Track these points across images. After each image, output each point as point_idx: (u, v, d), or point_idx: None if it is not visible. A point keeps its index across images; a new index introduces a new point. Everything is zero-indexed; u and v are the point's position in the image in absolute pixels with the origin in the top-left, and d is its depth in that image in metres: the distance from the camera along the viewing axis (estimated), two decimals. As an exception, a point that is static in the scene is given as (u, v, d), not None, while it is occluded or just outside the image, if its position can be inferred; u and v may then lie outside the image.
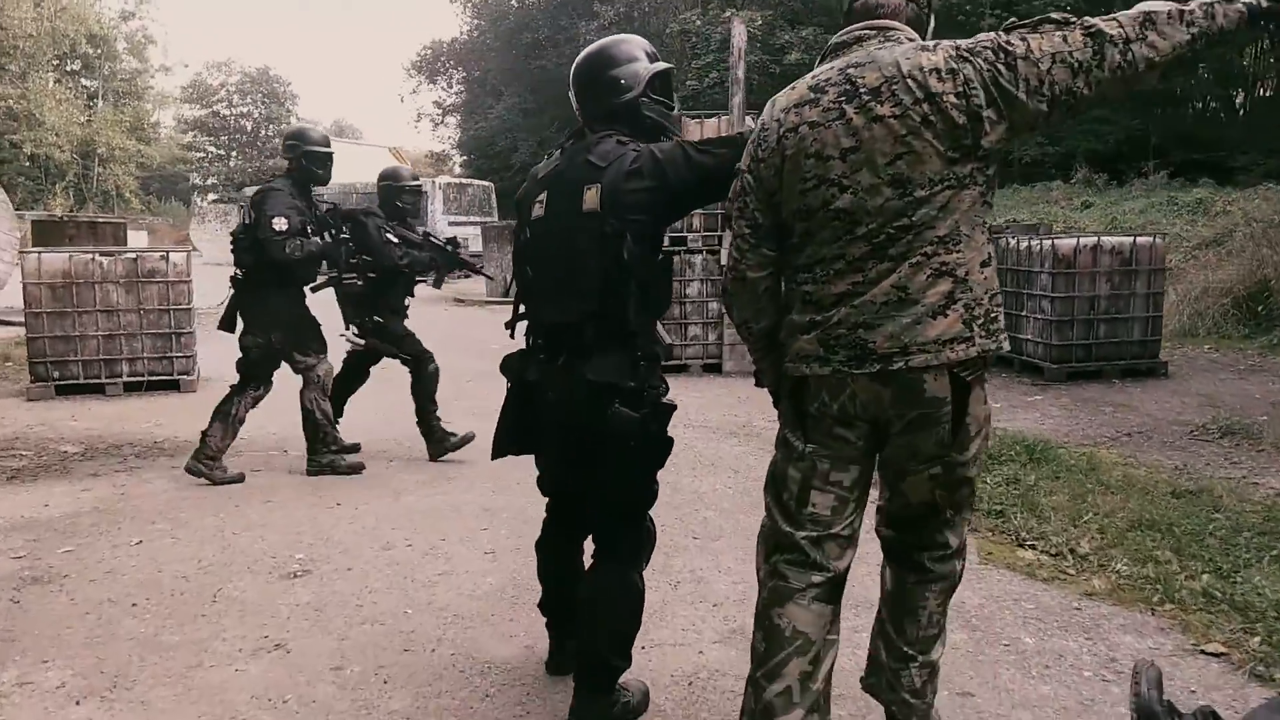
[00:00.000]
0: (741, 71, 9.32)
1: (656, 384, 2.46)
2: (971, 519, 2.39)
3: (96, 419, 6.72)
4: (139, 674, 2.87)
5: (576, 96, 2.55)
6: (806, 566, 2.11)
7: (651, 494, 2.53)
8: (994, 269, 2.04)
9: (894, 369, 1.96)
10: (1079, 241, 8.44)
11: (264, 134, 49.01)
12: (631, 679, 2.64)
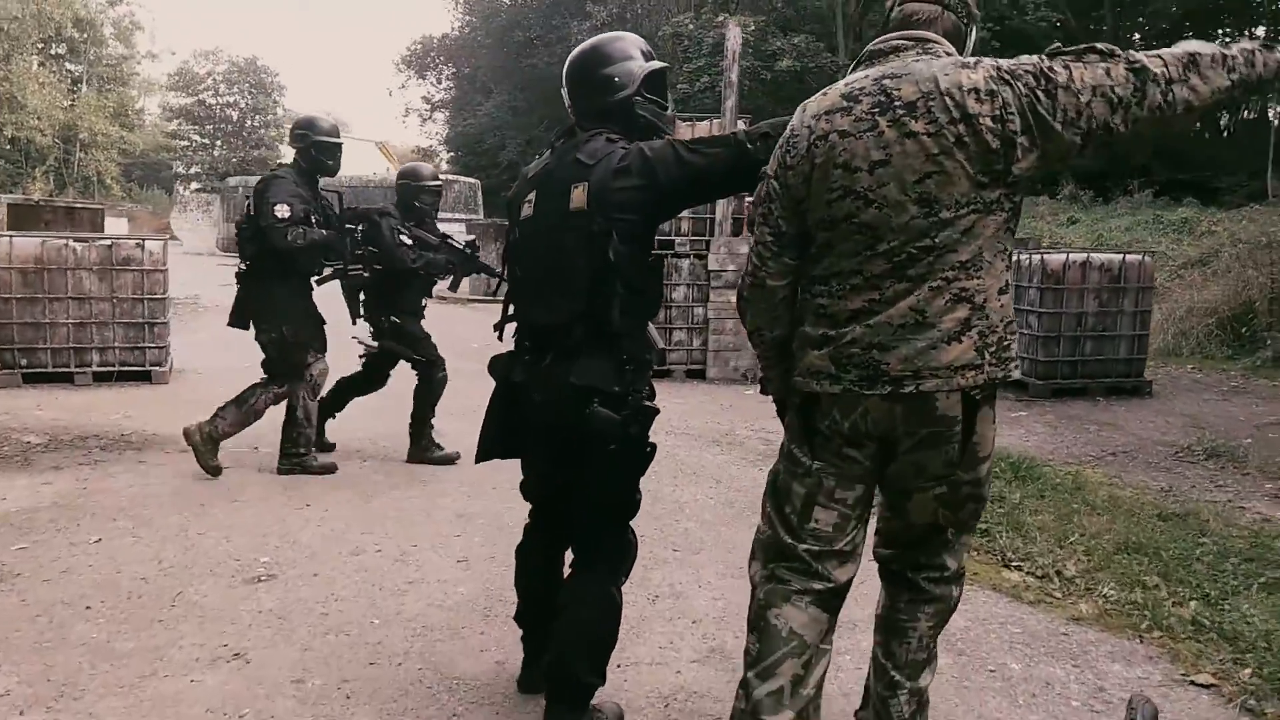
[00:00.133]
0: (735, 75, 9.25)
1: (641, 388, 2.39)
2: (971, 544, 2.29)
3: (63, 409, 6.54)
4: (89, 683, 2.73)
5: (569, 94, 2.50)
6: (807, 575, 2.10)
7: (634, 503, 2.48)
8: (1011, 296, 2.01)
9: (905, 391, 1.94)
10: (1068, 257, 8.40)
11: (250, 124, 48.64)
12: (605, 700, 2.54)
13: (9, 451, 5.32)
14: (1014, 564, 3.98)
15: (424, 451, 5.37)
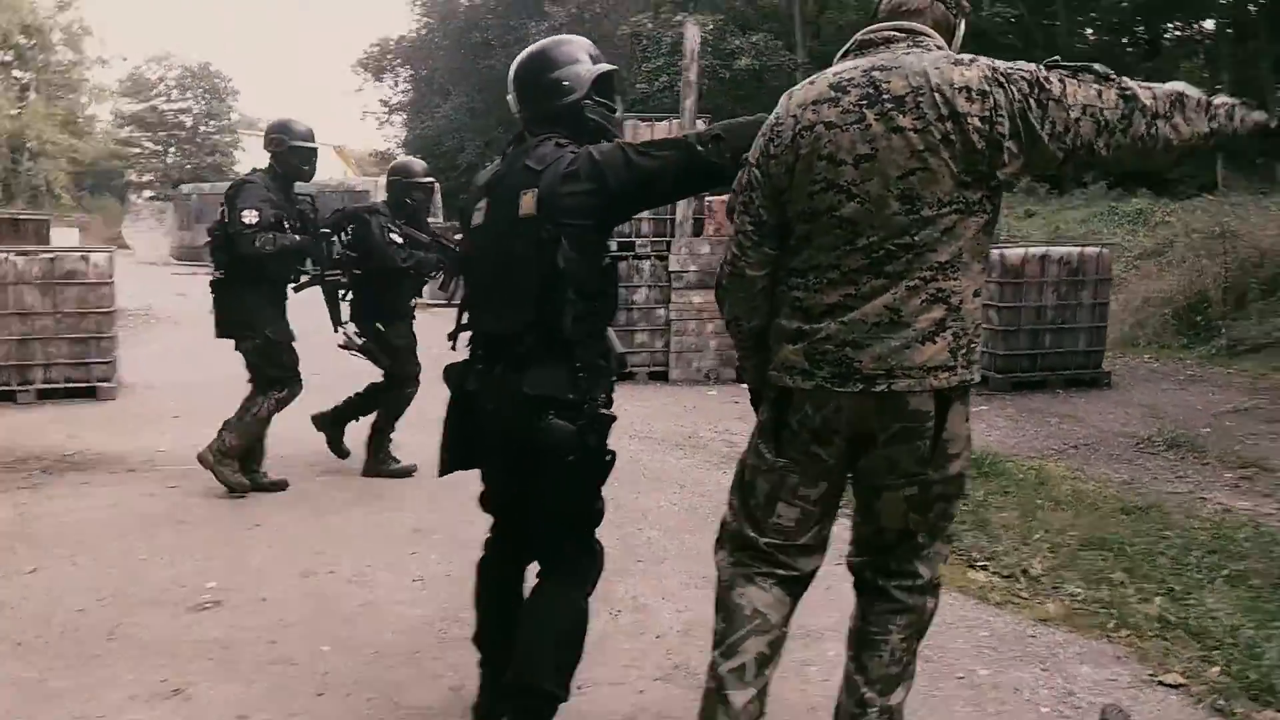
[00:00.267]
0: (694, 75, 9.16)
1: (598, 396, 2.33)
2: (946, 553, 2.25)
3: (3, 429, 6.31)
4: (18, 725, 2.59)
5: (517, 98, 2.46)
6: (771, 563, 2.12)
7: (597, 512, 2.44)
8: (983, 299, 2.01)
9: (877, 390, 1.93)
10: (1027, 251, 8.44)
11: (203, 130, 47.81)
12: None
13: (-56, 477, 5.12)
14: (979, 564, 3.94)
15: (380, 464, 5.23)
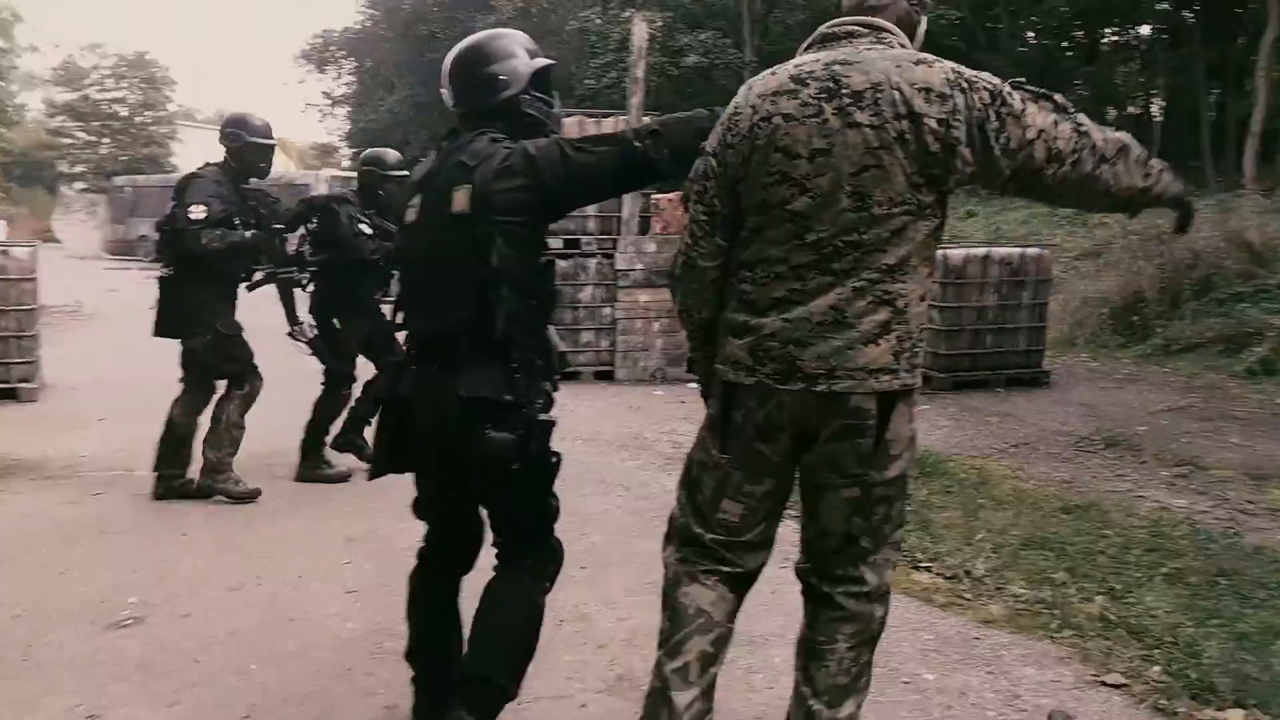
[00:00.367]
0: (641, 71, 9.10)
1: (537, 397, 2.28)
2: (895, 560, 2.22)
3: (-83, 434, 6.02)
4: (-83, 755, 2.44)
5: (452, 93, 2.41)
6: (715, 560, 2.12)
7: (551, 510, 2.40)
8: (929, 304, 2.02)
9: (818, 389, 1.93)
10: (969, 252, 8.52)
11: (139, 120, 46.47)
12: None
13: None
14: (923, 565, 3.94)
15: (314, 469, 5.08)
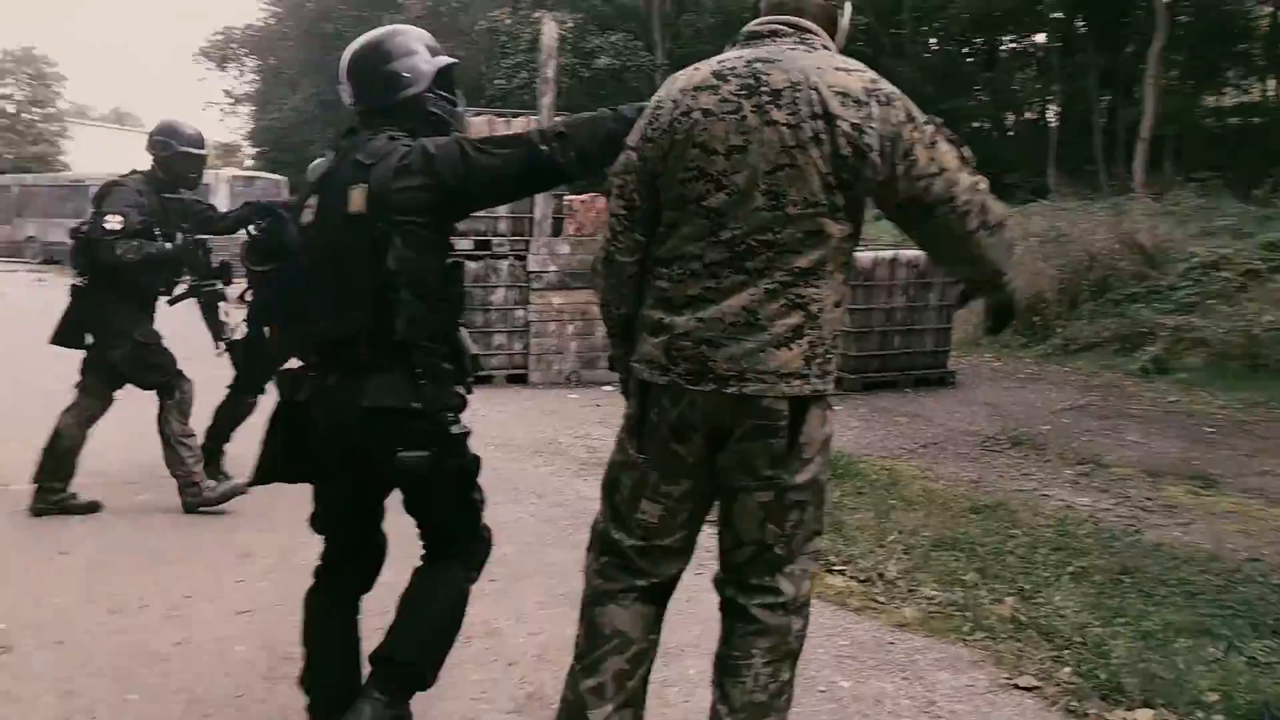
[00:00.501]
0: (552, 71, 8.98)
1: (447, 402, 2.24)
2: (814, 571, 2.16)
3: None
4: None
5: (352, 90, 2.35)
6: (630, 572, 2.08)
7: (476, 504, 2.39)
8: (844, 309, 2.00)
9: (728, 391, 1.92)
10: (877, 255, 8.64)
11: (26, 118, 44.26)
12: None
13: None
14: (837, 568, 3.92)
15: (212, 476, 4.81)
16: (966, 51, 26.82)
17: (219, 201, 20.25)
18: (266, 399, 4.47)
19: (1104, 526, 4.53)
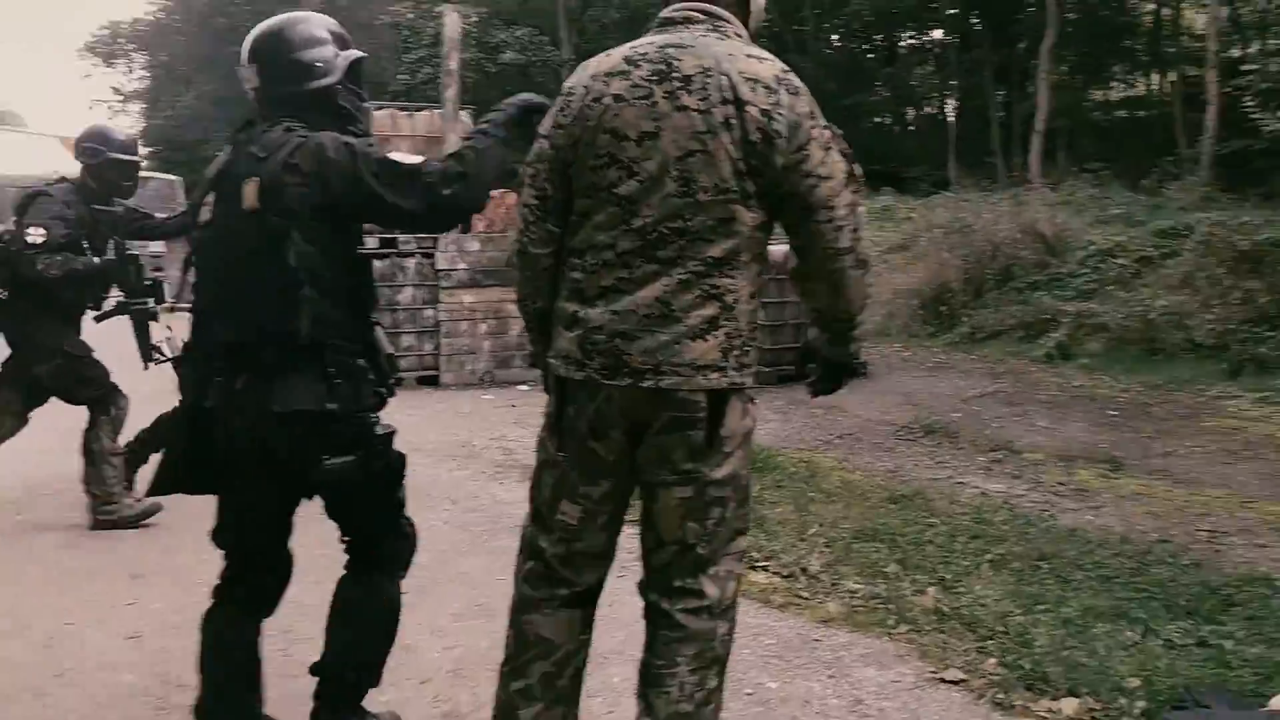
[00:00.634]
0: (455, 64, 8.81)
1: (365, 402, 2.19)
2: (740, 573, 2.09)
3: None
4: None
5: (259, 76, 2.25)
6: (552, 582, 2.05)
7: (400, 502, 2.37)
8: (759, 301, 1.98)
9: (644, 385, 1.89)
10: (789, 248, 8.66)
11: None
12: (386, 713, 2.49)
13: None
14: (760, 565, 3.87)
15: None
16: (867, 48, 27.37)
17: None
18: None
19: (1019, 513, 4.58)
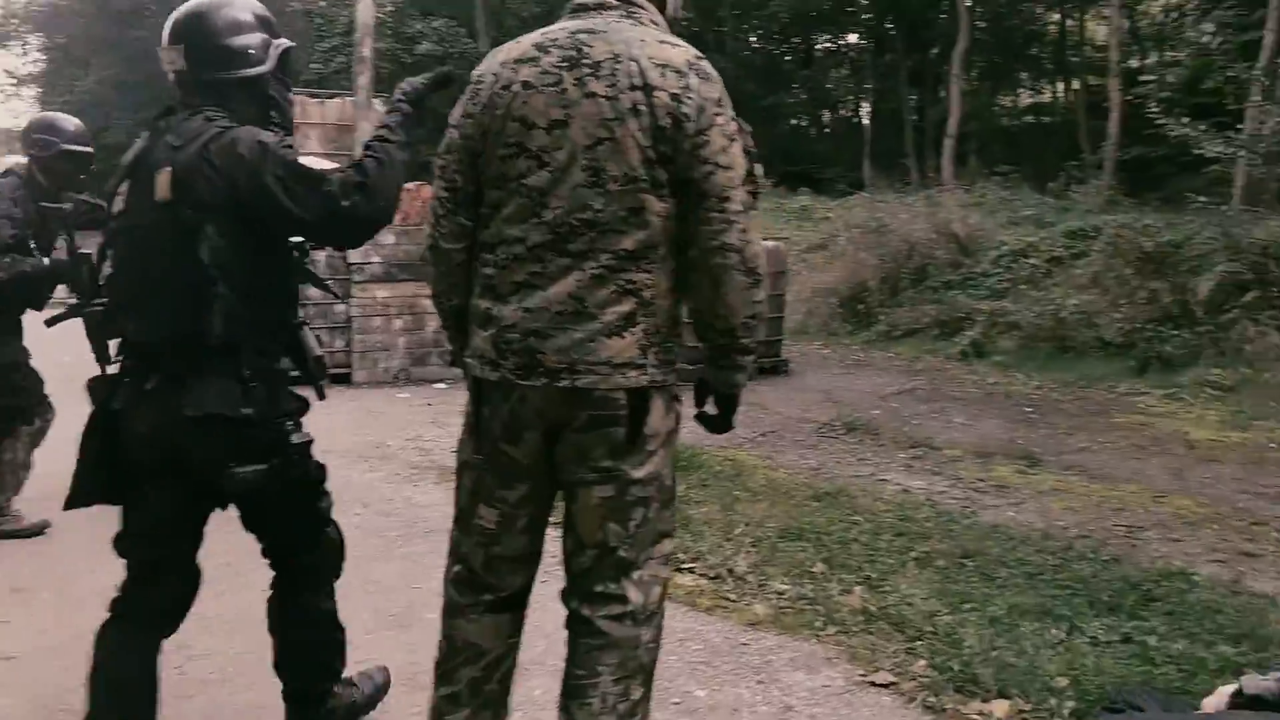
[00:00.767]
0: (368, 50, 8.57)
1: (284, 407, 2.13)
2: (665, 578, 2.01)
3: None
4: None
5: (186, 59, 2.14)
6: (475, 587, 2.00)
7: (323, 511, 2.34)
8: (681, 296, 1.91)
9: (560, 385, 1.83)
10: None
11: None
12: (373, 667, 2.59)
13: None
14: (686, 566, 3.78)
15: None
16: (785, 50, 27.70)
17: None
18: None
19: (942, 509, 4.59)
